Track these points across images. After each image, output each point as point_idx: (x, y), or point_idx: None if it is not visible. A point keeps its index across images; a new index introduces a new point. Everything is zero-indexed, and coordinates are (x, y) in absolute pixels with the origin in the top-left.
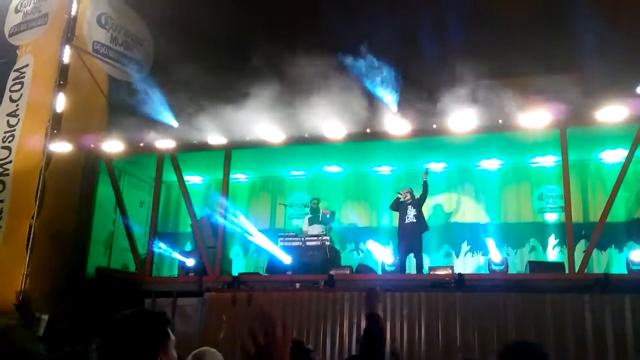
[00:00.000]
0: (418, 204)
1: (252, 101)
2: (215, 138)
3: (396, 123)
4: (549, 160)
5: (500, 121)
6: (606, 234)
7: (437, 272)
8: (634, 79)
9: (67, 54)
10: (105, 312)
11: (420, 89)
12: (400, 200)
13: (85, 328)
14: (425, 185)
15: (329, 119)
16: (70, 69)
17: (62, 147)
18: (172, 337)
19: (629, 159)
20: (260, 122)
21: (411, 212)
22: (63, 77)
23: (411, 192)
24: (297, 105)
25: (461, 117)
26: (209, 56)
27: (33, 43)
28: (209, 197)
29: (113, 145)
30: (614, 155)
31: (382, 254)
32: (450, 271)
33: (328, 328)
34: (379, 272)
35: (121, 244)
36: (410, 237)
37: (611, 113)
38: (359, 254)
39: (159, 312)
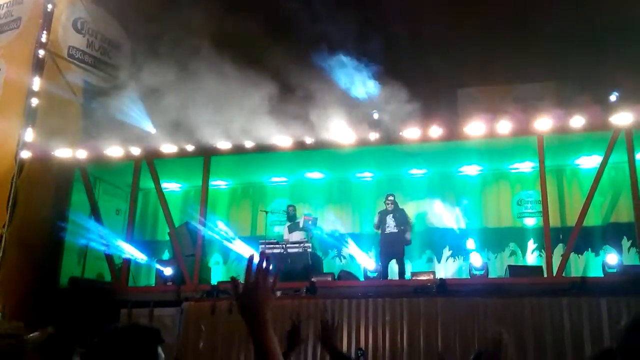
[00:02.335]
0: (399, 217)
1: (233, 107)
2: (194, 144)
3: (376, 130)
4: (527, 166)
5: (477, 128)
6: (583, 238)
7: (419, 278)
8: (608, 87)
9: (40, 59)
10: (79, 323)
11: (400, 96)
12: (389, 209)
13: (58, 340)
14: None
15: (311, 126)
16: (44, 74)
17: (35, 154)
18: (162, 356)
19: (603, 165)
20: (240, 128)
21: (392, 222)
22: (36, 83)
23: (393, 200)
24: (279, 112)
25: (441, 124)
26: (188, 61)
27: (5, 47)
28: (187, 204)
29: (88, 152)
30: (589, 161)
31: (364, 260)
32: (432, 276)
33: (310, 335)
34: (362, 278)
35: (96, 253)
36: (391, 246)
37: (586, 120)
38: (341, 261)
39: (152, 329)
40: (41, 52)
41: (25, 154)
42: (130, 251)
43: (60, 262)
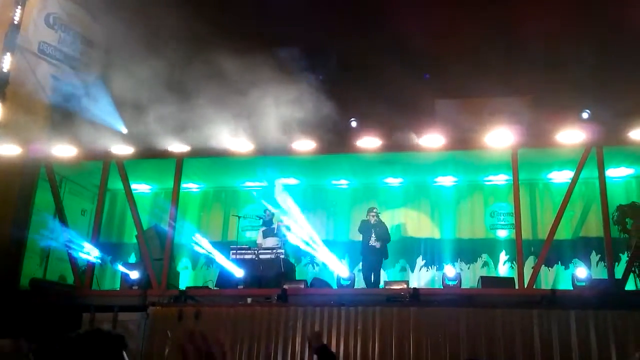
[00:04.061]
0: (380, 232)
1: (208, 109)
2: (167, 146)
3: (356, 138)
4: (501, 179)
5: (456, 140)
6: (553, 251)
7: (392, 287)
8: (582, 105)
9: (9, 54)
10: (39, 327)
11: (380, 105)
12: (369, 222)
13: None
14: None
15: (288, 132)
16: (13, 69)
17: None
18: None
19: (574, 180)
20: (216, 131)
21: (374, 236)
22: (4, 78)
23: (377, 214)
24: (255, 116)
25: (420, 135)
26: (163, 61)
27: None
28: (157, 206)
29: (55, 151)
30: (561, 176)
31: (337, 268)
32: (405, 286)
33: (280, 345)
34: (335, 286)
35: (59, 254)
36: (372, 258)
37: (560, 136)
38: (314, 268)
39: (117, 335)
40: (10, 47)
41: None
42: (95, 253)
43: (21, 263)
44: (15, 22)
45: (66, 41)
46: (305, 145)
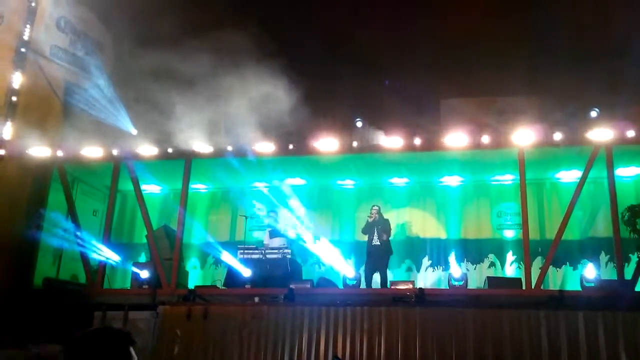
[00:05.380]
0: (382, 228)
1: (216, 110)
2: (176, 147)
3: (361, 139)
4: (507, 179)
5: (462, 139)
6: (561, 252)
7: (398, 287)
8: (590, 104)
9: (22, 57)
10: (52, 324)
11: (385, 105)
12: (369, 221)
13: (31, 341)
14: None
15: (295, 133)
16: (26, 72)
17: (12, 152)
18: (135, 358)
19: (583, 179)
20: (222, 132)
21: (375, 235)
22: (17, 80)
23: (379, 210)
24: (262, 117)
25: (423, 134)
26: (171, 62)
27: None
28: (166, 207)
29: (67, 152)
30: (569, 176)
31: (343, 268)
32: (411, 286)
33: (287, 343)
34: (341, 286)
35: (71, 254)
36: (376, 258)
37: (568, 135)
38: (320, 268)
39: (124, 332)
40: (23, 50)
41: (3, 152)
42: (106, 253)
43: (35, 262)
44: (26, 38)
45: (77, 45)
46: (322, 145)
